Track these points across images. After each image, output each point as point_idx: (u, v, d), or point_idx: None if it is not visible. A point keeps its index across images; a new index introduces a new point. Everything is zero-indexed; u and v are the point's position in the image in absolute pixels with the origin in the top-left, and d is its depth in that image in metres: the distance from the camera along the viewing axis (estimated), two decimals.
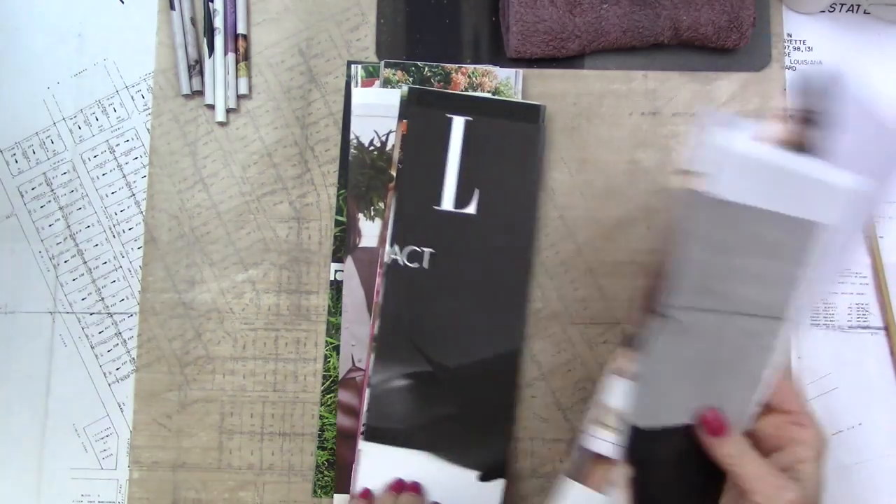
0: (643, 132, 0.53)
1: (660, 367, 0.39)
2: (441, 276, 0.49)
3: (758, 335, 0.39)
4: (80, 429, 0.51)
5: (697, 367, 0.40)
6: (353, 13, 0.54)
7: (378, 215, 0.51)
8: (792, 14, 0.55)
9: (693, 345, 0.39)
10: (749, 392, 0.40)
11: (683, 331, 0.39)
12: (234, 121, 0.53)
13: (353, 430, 0.49)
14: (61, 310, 0.52)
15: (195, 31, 0.53)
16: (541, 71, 0.53)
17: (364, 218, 0.51)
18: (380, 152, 0.51)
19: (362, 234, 0.50)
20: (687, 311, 0.39)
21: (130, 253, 0.52)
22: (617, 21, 0.50)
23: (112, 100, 0.53)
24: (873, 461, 0.50)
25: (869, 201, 0.38)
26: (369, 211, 0.51)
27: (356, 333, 0.50)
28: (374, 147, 0.51)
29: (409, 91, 0.50)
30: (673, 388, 0.40)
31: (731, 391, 0.40)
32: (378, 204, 0.51)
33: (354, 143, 0.51)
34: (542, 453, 0.50)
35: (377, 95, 0.51)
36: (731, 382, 0.40)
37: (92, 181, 0.53)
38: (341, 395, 0.49)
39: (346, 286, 0.50)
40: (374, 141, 0.51)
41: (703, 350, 0.39)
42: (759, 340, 0.39)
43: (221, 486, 0.50)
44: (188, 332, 0.51)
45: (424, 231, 0.49)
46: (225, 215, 0.52)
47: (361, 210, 0.51)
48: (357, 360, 0.49)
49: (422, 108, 0.50)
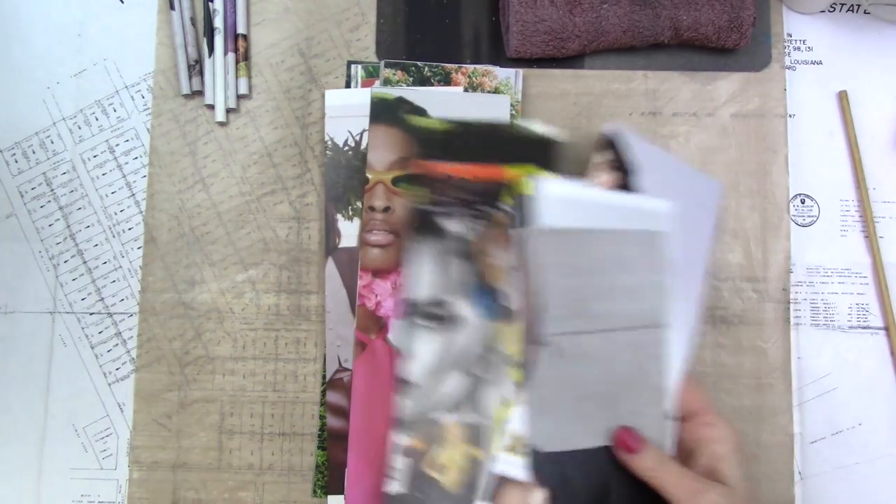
0: (643, 132, 0.53)
1: (548, 392, 0.41)
2: None
3: (644, 346, 0.41)
4: (80, 429, 0.51)
5: (596, 388, 0.41)
6: (353, 13, 0.54)
7: (356, 215, 0.51)
8: (792, 14, 0.55)
9: (580, 367, 0.41)
10: (656, 404, 0.41)
11: (566, 355, 0.40)
12: (234, 121, 0.53)
13: (344, 431, 0.49)
14: (61, 310, 0.52)
15: (195, 31, 0.53)
16: (541, 71, 0.53)
17: (342, 218, 0.51)
18: (354, 152, 0.51)
19: (342, 234, 0.50)
20: (565, 336, 0.40)
21: (130, 253, 0.52)
22: (617, 21, 0.50)
23: (112, 100, 0.53)
24: (873, 461, 0.50)
25: (678, 216, 0.43)
26: (347, 211, 0.51)
27: (341, 334, 0.49)
28: (349, 147, 0.51)
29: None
30: (573, 411, 0.41)
31: (639, 406, 0.41)
32: (356, 203, 0.51)
33: (329, 144, 0.51)
34: None
35: (349, 96, 0.51)
36: (635, 398, 0.41)
37: (92, 181, 0.53)
38: (330, 396, 0.49)
39: (328, 287, 0.50)
40: (348, 141, 0.51)
41: (594, 370, 0.41)
42: (647, 350, 0.41)
43: (221, 486, 0.50)
44: (188, 332, 0.51)
45: None
46: (225, 215, 0.52)
47: (339, 211, 0.51)
48: (343, 361, 0.49)
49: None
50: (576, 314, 0.40)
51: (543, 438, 0.41)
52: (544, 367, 0.40)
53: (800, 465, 0.50)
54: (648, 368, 0.41)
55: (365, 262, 0.49)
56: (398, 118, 0.50)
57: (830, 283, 0.52)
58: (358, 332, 0.49)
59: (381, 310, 0.49)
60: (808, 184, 0.52)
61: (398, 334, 0.46)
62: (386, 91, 0.50)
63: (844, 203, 0.53)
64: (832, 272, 0.52)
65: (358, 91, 0.52)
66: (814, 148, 0.53)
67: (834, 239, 0.52)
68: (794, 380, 0.51)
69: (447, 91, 0.52)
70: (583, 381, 0.41)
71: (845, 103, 0.53)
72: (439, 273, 0.45)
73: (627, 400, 0.41)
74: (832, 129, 0.54)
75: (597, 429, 0.41)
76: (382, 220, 0.49)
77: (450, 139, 0.49)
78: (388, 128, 0.50)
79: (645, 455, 0.39)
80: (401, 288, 0.47)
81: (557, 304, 0.40)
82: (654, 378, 0.41)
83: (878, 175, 0.53)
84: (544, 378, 0.40)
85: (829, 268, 0.52)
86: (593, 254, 0.40)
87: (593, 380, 0.41)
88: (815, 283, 0.52)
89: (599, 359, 0.41)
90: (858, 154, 0.53)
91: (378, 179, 0.50)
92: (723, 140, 0.53)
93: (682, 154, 0.52)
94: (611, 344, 0.40)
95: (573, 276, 0.40)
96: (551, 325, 0.40)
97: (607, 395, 0.41)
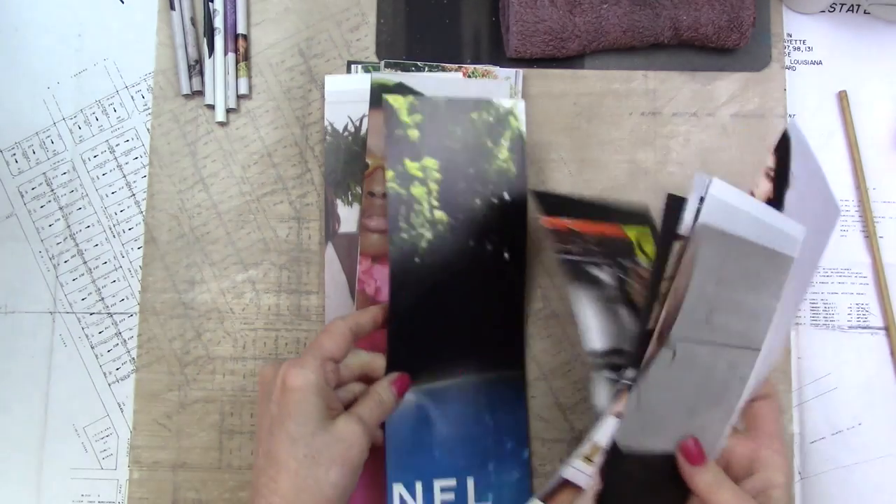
0: (643, 132, 0.53)
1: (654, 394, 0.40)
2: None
3: (737, 366, 0.41)
4: (80, 429, 0.51)
5: (688, 399, 0.41)
6: (353, 13, 0.54)
7: (356, 200, 0.50)
8: (792, 14, 0.55)
9: (686, 376, 0.40)
10: (725, 423, 0.41)
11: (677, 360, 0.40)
12: (234, 121, 0.53)
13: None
14: (61, 310, 0.52)
15: (195, 31, 0.53)
16: (541, 71, 0.53)
17: (342, 204, 0.51)
18: (354, 137, 0.51)
19: (341, 219, 0.50)
20: (687, 342, 0.40)
21: (130, 253, 0.52)
22: (617, 21, 0.50)
23: (112, 100, 0.53)
24: (873, 461, 0.50)
25: (812, 247, 0.42)
26: (347, 196, 0.51)
27: None
28: (349, 132, 0.51)
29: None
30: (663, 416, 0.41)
31: (710, 422, 0.41)
32: (355, 189, 0.51)
33: (329, 129, 0.51)
34: (542, 453, 0.50)
35: (349, 81, 0.52)
36: (711, 413, 0.41)
37: (92, 181, 0.53)
38: None
39: (327, 272, 0.50)
40: (348, 126, 0.51)
41: (693, 381, 0.41)
42: (738, 371, 0.41)
43: (221, 486, 0.50)
44: (188, 332, 0.51)
45: None
46: (225, 215, 0.52)
47: (339, 196, 0.51)
48: None
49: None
50: (702, 322, 0.40)
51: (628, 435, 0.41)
52: (656, 368, 0.40)
53: (799, 464, 0.50)
54: (732, 388, 0.41)
55: (365, 248, 0.49)
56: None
57: (830, 283, 0.52)
58: None
59: (380, 295, 0.49)
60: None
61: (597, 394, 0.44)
62: (386, 77, 0.50)
63: (844, 203, 0.53)
64: (832, 272, 0.52)
65: (357, 76, 0.52)
66: (814, 148, 0.53)
67: (834, 239, 0.52)
68: (794, 380, 0.51)
69: (447, 77, 0.51)
70: (678, 389, 0.41)
71: (845, 103, 0.53)
72: (609, 322, 0.44)
73: (703, 414, 0.41)
74: (832, 129, 0.54)
75: (670, 436, 0.41)
76: (382, 206, 0.49)
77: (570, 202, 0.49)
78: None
79: (706, 470, 0.39)
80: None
81: (692, 308, 0.39)
82: (733, 399, 0.41)
83: (878, 175, 0.53)
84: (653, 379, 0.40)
85: (828, 268, 0.52)
86: (738, 265, 0.39)
87: (687, 389, 0.41)
88: (815, 282, 0.52)
89: (700, 370, 0.40)
90: (858, 154, 0.53)
91: (378, 164, 0.49)
92: (723, 140, 0.53)
93: (682, 154, 0.52)
94: (716, 358, 0.40)
95: (715, 283, 0.39)
96: (679, 329, 0.40)
97: (690, 406, 0.41)
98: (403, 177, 0.46)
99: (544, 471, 0.50)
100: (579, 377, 0.50)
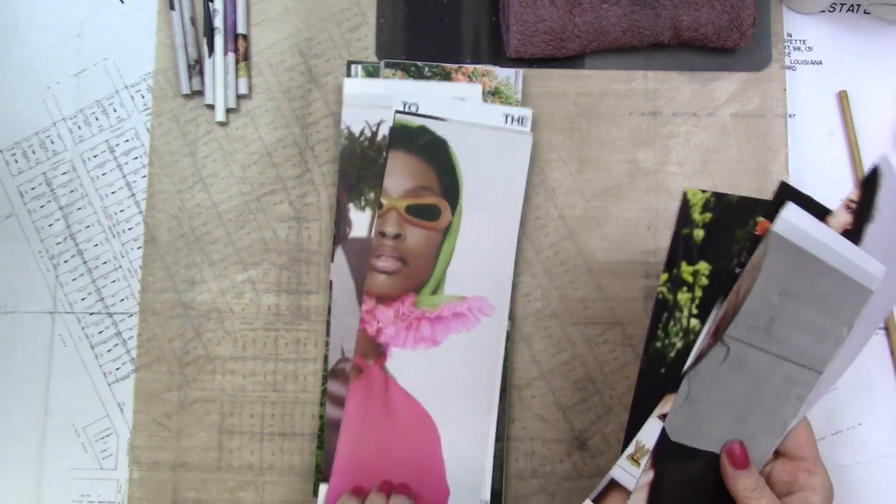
0: (643, 132, 0.53)
1: (707, 391, 0.42)
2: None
3: (796, 384, 0.42)
4: (80, 429, 0.51)
5: (738, 402, 0.42)
6: (353, 13, 0.54)
7: (368, 205, 0.50)
8: (792, 14, 0.55)
9: (738, 377, 0.41)
10: (775, 437, 0.42)
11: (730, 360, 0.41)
12: (234, 121, 0.53)
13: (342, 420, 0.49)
14: (61, 310, 0.52)
15: (195, 31, 0.53)
16: (541, 71, 0.53)
17: (354, 208, 0.51)
18: (371, 143, 0.51)
19: (353, 224, 0.50)
20: (743, 344, 0.41)
21: (130, 253, 0.52)
22: (617, 21, 0.50)
23: (112, 100, 0.53)
24: (873, 461, 0.50)
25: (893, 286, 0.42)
26: (360, 201, 0.51)
27: (346, 323, 0.49)
28: (366, 137, 0.51)
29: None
30: (714, 415, 0.42)
31: (760, 433, 0.42)
32: (368, 194, 0.51)
33: (345, 133, 0.51)
34: (542, 453, 0.50)
35: (368, 85, 0.51)
36: (761, 424, 0.42)
37: (92, 181, 0.53)
38: (331, 385, 0.49)
39: (335, 276, 0.50)
40: (364, 131, 0.51)
41: (747, 386, 0.42)
42: (796, 389, 0.42)
43: (221, 486, 0.50)
44: (188, 332, 0.51)
45: None
46: (225, 215, 0.52)
47: (352, 200, 0.51)
48: (346, 351, 0.49)
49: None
50: (761, 329, 0.41)
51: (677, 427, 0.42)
52: (708, 364, 0.41)
53: None
54: (787, 404, 0.42)
55: (370, 287, 0.49)
56: (418, 146, 0.50)
57: None
58: (356, 357, 0.49)
59: (381, 336, 0.49)
60: (808, 184, 0.52)
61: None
62: (409, 118, 0.50)
63: None
64: None
65: (377, 81, 0.52)
66: (814, 148, 0.53)
67: None
68: None
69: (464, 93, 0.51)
70: (731, 390, 0.42)
71: (845, 103, 0.53)
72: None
73: (754, 423, 0.42)
74: (832, 129, 0.54)
75: (718, 437, 0.42)
76: (392, 247, 0.49)
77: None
78: (407, 155, 0.50)
79: (748, 475, 0.40)
80: (403, 316, 0.47)
81: (752, 312, 0.41)
82: (786, 415, 0.42)
83: None
84: (704, 373, 0.41)
85: None
86: (807, 283, 0.40)
87: (739, 393, 0.42)
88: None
89: (753, 376, 0.41)
90: (858, 154, 0.53)
91: (392, 206, 0.50)
92: (723, 140, 0.53)
93: (682, 154, 0.52)
94: (772, 369, 0.41)
95: (778, 294, 0.40)
96: (737, 329, 0.41)
97: (741, 411, 0.42)
98: (676, 281, 0.46)
99: (545, 471, 0.50)
100: (579, 377, 0.50)
